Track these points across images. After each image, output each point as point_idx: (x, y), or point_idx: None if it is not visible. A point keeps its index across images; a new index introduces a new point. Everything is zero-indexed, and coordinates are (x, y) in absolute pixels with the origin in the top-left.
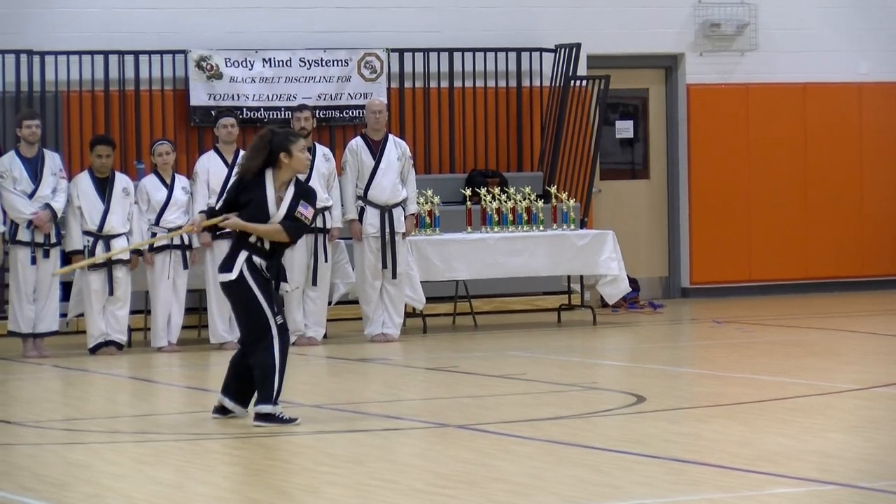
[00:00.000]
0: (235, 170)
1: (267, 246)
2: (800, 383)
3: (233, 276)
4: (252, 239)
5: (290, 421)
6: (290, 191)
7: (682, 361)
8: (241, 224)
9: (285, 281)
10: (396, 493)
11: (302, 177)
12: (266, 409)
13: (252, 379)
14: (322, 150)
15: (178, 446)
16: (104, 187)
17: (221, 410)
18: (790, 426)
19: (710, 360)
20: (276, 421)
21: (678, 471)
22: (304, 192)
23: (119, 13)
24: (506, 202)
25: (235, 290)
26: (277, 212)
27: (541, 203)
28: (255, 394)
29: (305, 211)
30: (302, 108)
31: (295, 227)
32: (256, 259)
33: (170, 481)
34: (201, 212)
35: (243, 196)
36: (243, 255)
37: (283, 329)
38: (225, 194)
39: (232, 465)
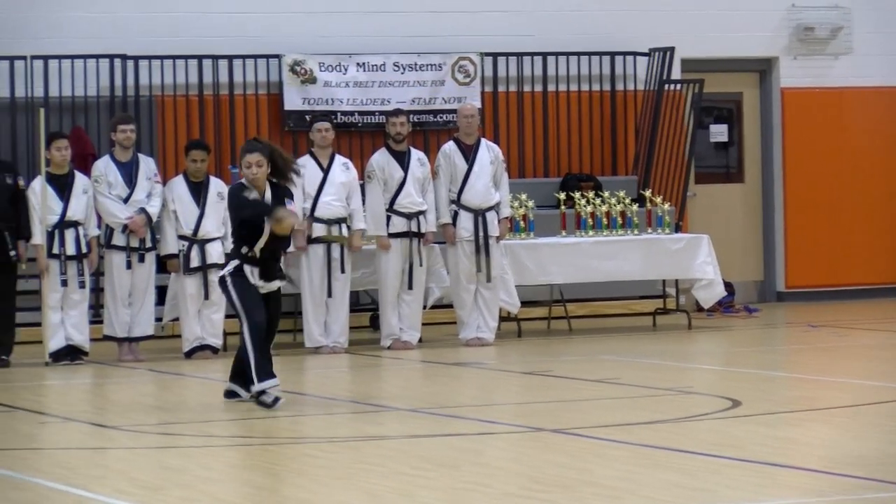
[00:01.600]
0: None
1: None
2: (895, 387)
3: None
4: (244, 250)
5: (271, 404)
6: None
7: (776, 365)
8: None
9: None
10: (489, 497)
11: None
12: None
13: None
14: (417, 155)
15: (270, 449)
16: (199, 192)
17: (230, 394)
18: (884, 430)
19: (804, 364)
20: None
21: (770, 475)
22: (283, 193)
23: (213, 18)
24: (600, 206)
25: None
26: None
27: (635, 207)
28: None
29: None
30: (397, 112)
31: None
32: (247, 267)
33: (262, 484)
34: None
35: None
36: (234, 263)
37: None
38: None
39: (323, 468)
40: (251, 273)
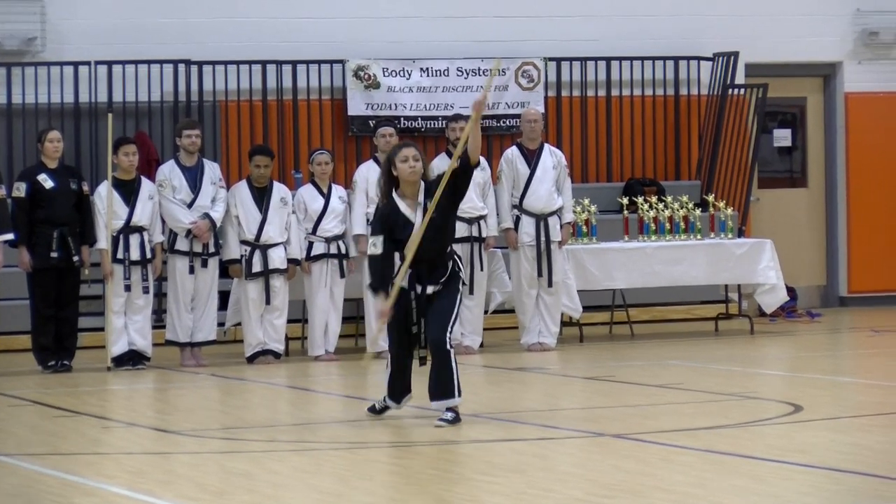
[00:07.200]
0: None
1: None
2: None
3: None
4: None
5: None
6: (422, 197)
7: (841, 370)
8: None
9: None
10: (556, 503)
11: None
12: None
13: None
14: None
15: (337, 455)
16: (262, 197)
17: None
18: None
19: (869, 369)
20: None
21: (839, 480)
22: (431, 187)
23: (277, 23)
24: (663, 211)
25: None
26: (417, 221)
27: (698, 212)
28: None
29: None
30: (457, 118)
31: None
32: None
33: (330, 489)
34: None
35: (389, 224)
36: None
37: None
38: (379, 229)
39: (391, 474)
40: (407, 280)
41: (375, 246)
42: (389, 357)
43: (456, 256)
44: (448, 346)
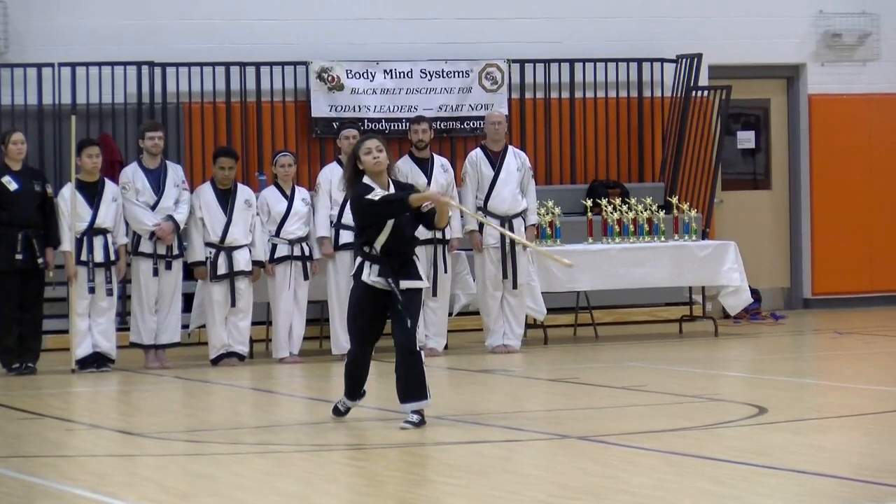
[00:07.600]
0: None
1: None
2: None
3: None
4: (366, 248)
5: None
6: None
7: (804, 373)
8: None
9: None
10: None
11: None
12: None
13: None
14: (440, 161)
15: (300, 457)
16: (226, 199)
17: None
18: None
19: (832, 371)
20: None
21: (801, 482)
22: (404, 187)
23: (241, 25)
24: (627, 213)
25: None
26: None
27: (662, 214)
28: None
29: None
30: (419, 119)
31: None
32: (366, 266)
33: (293, 492)
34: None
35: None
36: (357, 262)
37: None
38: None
39: (354, 476)
40: (368, 273)
41: (376, 194)
42: (349, 355)
43: (415, 258)
44: (417, 348)
